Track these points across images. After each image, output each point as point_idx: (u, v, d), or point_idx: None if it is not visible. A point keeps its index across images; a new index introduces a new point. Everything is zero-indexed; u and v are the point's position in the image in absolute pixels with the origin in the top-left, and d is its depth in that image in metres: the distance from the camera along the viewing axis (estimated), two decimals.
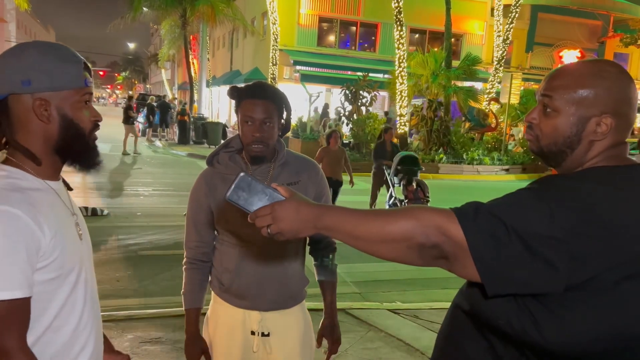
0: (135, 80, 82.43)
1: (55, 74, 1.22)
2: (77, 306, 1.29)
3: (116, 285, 4.95)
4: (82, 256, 1.32)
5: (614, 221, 1.03)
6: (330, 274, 2.11)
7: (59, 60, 1.23)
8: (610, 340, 1.05)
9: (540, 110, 1.20)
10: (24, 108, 1.22)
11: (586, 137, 1.15)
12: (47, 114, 1.22)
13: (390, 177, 9.01)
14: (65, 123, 1.25)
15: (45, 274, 1.19)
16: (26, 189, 1.20)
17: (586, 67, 1.17)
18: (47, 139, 1.25)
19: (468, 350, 1.21)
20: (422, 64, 16.91)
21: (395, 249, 1.08)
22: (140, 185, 11.15)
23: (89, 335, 1.33)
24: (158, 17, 26.79)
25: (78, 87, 1.26)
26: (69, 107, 1.25)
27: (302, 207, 1.12)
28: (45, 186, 1.26)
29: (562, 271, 1.00)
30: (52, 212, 1.22)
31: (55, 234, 1.19)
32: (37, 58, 1.21)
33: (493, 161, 15.92)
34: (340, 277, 5.79)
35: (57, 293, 1.23)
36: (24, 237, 1.13)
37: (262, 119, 1.87)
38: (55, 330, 1.24)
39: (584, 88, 1.13)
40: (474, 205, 1.07)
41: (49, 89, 1.22)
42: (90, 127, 1.30)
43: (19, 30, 51.88)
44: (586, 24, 27.93)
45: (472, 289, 1.18)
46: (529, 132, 1.23)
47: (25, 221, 1.13)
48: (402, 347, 3.88)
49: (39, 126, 1.23)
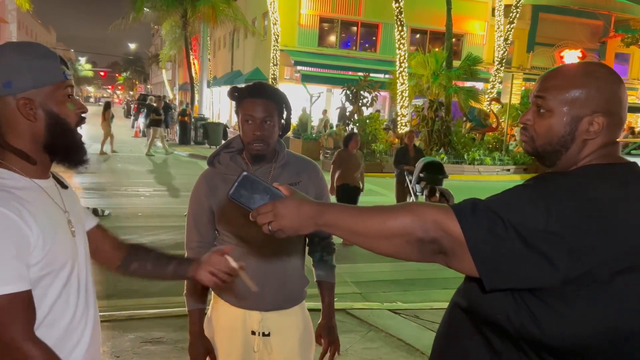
0: (136, 81, 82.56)
1: (34, 72, 1.23)
2: (71, 301, 1.31)
3: (117, 286, 4.95)
4: (75, 252, 1.33)
5: (610, 216, 1.05)
6: (328, 275, 2.11)
7: (35, 57, 1.24)
8: (606, 334, 1.06)
9: (534, 111, 1.22)
10: (9, 109, 1.23)
11: (579, 136, 1.17)
12: (33, 112, 1.24)
13: (412, 184, 8.38)
14: (51, 119, 1.26)
15: (38, 270, 1.21)
16: (12, 187, 1.21)
17: (578, 68, 1.20)
18: (35, 137, 1.26)
19: (466, 347, 1.22)
20: (423, 64, 16.91)
21: (395, 244, 1.10)
22: (141, 185, 11.16)
23: (84, 329, 1.35)
24: (159, 18, 26.81)
25: (59, 81, 1.27)
26: (53, 103, 1.26)
27: (303, 204, 1.14)
28: (33, 185, 1.27)
29: (558, 265, 1.02)
30: (40, 209, 1.23)
31: (43, 230, 1.21)
32: (14, 59, 1.22)
33: (494, 161, 15.91)
34: (341, 277, 5.81)
35: (49, 289, 1.25)
36: (12, 234, 1.15)
37: (263, 117, 1.88)
38: (49, 325, 1.26)
39: (576, 88, 1.16)
40: (472, 202, 1.10)
41: (30, 87, 1.23)
42: (76, 119, 1.31)
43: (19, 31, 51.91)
44: (587, 24, 27.88)
45: (470, 284, 1.20)
46: (524, 133, 1.25)
47: (12, 219, 1.15)
48: (402, 347, 3.89)
49: (26, 125, 1.25)
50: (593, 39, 28.12)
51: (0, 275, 1.13)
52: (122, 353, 3.57)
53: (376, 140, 16.07)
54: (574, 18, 27.22)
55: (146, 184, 11.34)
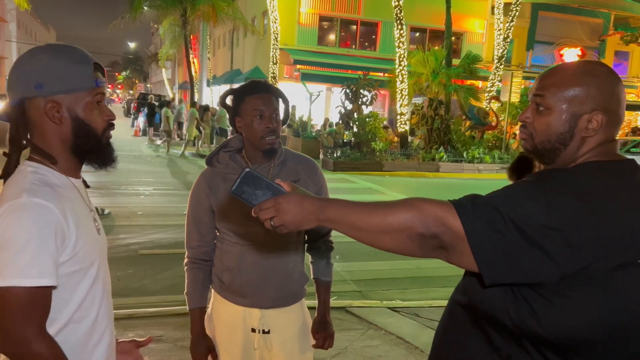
0: (136, 80, 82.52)
1: (66, 76, 1.26)
2: (97, 299, 1.34)
3: (117, 284, 4.96)
4: (100, 250, 1.38)
5: (608, 211, 1.07)
6: (326, 272, 2.13)
7: (69, 62, 1.27)
8: (604, 329, 1.08)
9: (533, 109, 1.23)
10: (37, 111, 1.26)
11: (578, 134, 1.18)
12: (59, 115, 1.27)
13: None
14: (77, 124, 1.29)
15: (69, 267, 1.24)
16: (54, 184, 1.26)
17: (576, 67, 1.21)
18: (63, 139, 1.30)
19: (466, 343, 1.23)
20: (422, 62, 16.92)
21: (396, 239, 1.11)
22: (141, 184, 11.16)
23: (106, 327, 1.38)
24: (158, 17, 26.78)
25: (89, 88, 1.29)
26: (81, 108, 1.29)
27: (305, 200, 1.15)
28: (69, 183, 1.32)
29: (557, 260, 1.03)
30: (75, 207, 1.28)
31: (78, 227, 1.25)
32: (47, 62, 1.25)
33: (494, 159, 15.92)
34: (341, 276, 5.81)
35: (79, 285, 1.28)
36: (54, 229, 1.18)
37: (272, 111, 1.91)
38: (77, 321, 1.29)
39: (575, 86, 1.17)
40: (472, 197, 1.11)
41: (61, 91, 1.26)
42: (104, 126, 1.34)
43: (19, 30, 51.89)
44: (587, 22, 27.88)
45: (469, 280, 1.21)
46: (523, 131, 1.26)
47: (56, 214, 1.19)
48: (401, 345, 3.89)
49: (53, 128, 1.28)
50: (593, 37, 28.11)
51: (34, 267, 1.15)
52: None
53: (376, 139, 16.08)
54: (574, 16, 27.23)
55: (146, 183, 11.34)
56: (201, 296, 2.05)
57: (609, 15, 27.71)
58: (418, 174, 14.86)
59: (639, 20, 23.85)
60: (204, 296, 2.06)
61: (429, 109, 16.31)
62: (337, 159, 15.31)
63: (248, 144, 1.98)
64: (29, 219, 1.16)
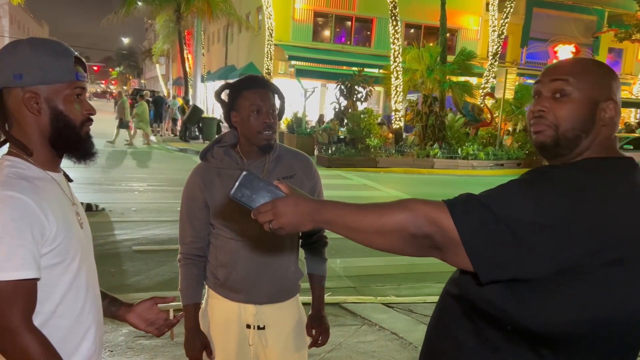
0: (129, 76, 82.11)
1: (46, 67, 1.26)
2: (81, 292, 1.34)
3: (111, 280, 4.94)
4: (83, 244, 1.37)
5: (599, 208, 1.07)
6: (320, 268, 2.13)
7: (50, 54, 1.27)
8: (594, 323, 1.09)
9: (549, 97, 1.21)
10: (16, 101, 1.26)
11: (599, 122, 1.19)
12: (37, 106, 1.27)
13: None
14: (55, 115, 1.29)
15: (50, 259, 1.24)
16: (30, 177, 1.25)
17: (588, 59, 1.25)
18: (41, 130, 1.29)
19: (456, 335, 1.24)
20: (417, 59, 16.91)
21: (390, 240, 1.13)
22: (134, 180, 11.13)
23: (92, 321, 1.38)
24: (152, 12, 26.63)
25: (69, 80, 1.29)
26: (60, 100, 1.29)
27: (301, 202, 1.16)
28: (47, 176, 1.31)
29: (548, 256, 1.04)
30: (54, 200, 1.27)
31: (58, 220, 1.24)
32: (28, 53, 1.25)
33: (488, 156, 15.95)
34: (335, 272, 5.82)
35: (61, 278, 1.28)
36: (30, 221, 1.18)
37: (269, 106, 1.91)
38: (60, 315, 1.29)
39: (592, 74, 1.19)
40: (465, 196, 1.12)
41: (40, 82, 1.26)
42: (82, 119, 1.33)
43: (12, 25, 51.54)
44: (581, 18, 27.97)
45: (463, 275, 1.22)
46: (539, 122, 1.22)
47: (31, 206, 1.19)
48: (395, 340, 3.91)
49: (31, 119, 1.28)
50: (587, 34, 28.20)
51: (12, 260, 1.15)
52: (116, 348, 3.58)
53: (370, 135, 16.08)
54: (568, 13, 27.33)
55: (140, 179, 11.31)
56: (195, 292, 2.04)
57: (602, 12, 27.81)
58: (412, 171, 14.87)
59: (633, 18, 23.86)
60: (198, 292, 2.05)
61: (423, 106, 16.31)
62: (331, 155, 15.30)
63: (243, 139, 1.98)
64: (2, 212, 1.16)
